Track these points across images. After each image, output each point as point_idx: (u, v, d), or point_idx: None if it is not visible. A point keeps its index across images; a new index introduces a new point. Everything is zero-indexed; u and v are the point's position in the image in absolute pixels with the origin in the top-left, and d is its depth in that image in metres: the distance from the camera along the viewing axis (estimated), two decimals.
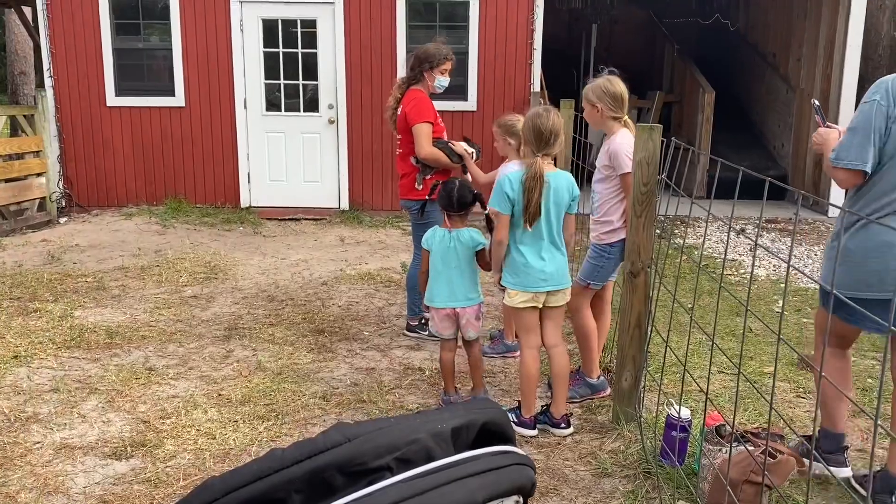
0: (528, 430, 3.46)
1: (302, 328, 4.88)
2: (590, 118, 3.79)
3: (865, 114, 2.64)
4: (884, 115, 2.61)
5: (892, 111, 2.61)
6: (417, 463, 0.89)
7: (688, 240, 7.58)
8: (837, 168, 2.69)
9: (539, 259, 3.36)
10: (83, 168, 8.80)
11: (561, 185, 3.34)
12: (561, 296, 3.43)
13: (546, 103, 8.01)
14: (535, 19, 8.36)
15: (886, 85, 2.65)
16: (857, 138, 2.63)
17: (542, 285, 3.37)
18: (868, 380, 4.07)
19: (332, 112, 8.62)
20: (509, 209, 3.31)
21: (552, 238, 3.37)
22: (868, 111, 2.63)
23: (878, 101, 2.62)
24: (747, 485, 2.63)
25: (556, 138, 3.32)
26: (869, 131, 2.61)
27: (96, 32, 8.48)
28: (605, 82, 3.71)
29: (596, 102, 3.68)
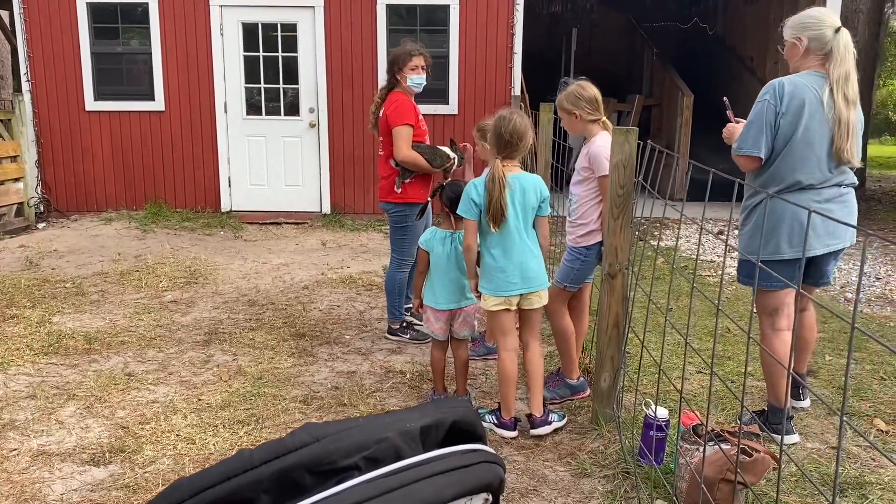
0: (507, 432, 3.47)
1: (283, 332, 4.87)
2: (569, 127, 3.82)
3: (758, 111, 3.20)
4: (773, 112, 3.17)
5: (779, 108, 3.17)
6: (386, 462, 0.90)
7: (666, 241, 7.63)
8: (739, 155, 3.26)
9: (509, 263, 3.37)
10: (62, 173, 8.73)
11: (527, 187, 3.35)
12: (536, 298, 3.43)
13: (527, 107, 8.06)
14: (515, 23, 8.40)
15: (774, 87, 3.20)
16: (753, 131, 3.20)
17: (512, 289, 3.39)
18: (843, 378, 4.13)
19: (312, 116, 8.62)
20: (476, 214, 3.34)
21: (522, 241, 3.37)
22: (760, 109, 3.19)
23: (767, 101, 3.19)
24: (723, 483, 2.66)
25: (520, 140, 3.33)
26: (762, 125, 3.17)
27: (74, 36, 8.42)
28: (577, 88, 3.75)
29: (573, 110, 3.72)
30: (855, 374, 4.21)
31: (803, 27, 3.29)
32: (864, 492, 2.99)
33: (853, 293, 6.01)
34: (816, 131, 3.17)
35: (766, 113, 3.18)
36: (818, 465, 3.21)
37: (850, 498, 2.95)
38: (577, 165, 3.83)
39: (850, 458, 3.27)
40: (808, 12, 3.35)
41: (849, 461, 3.25)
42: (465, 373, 3.83)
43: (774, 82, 3.23)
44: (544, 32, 13.16)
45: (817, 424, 3.60)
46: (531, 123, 3.44)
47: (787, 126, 3.17)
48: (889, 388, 4.03)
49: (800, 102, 3.16)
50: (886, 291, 6.09)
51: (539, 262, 3.44)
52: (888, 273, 6.63)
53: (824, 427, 3.58)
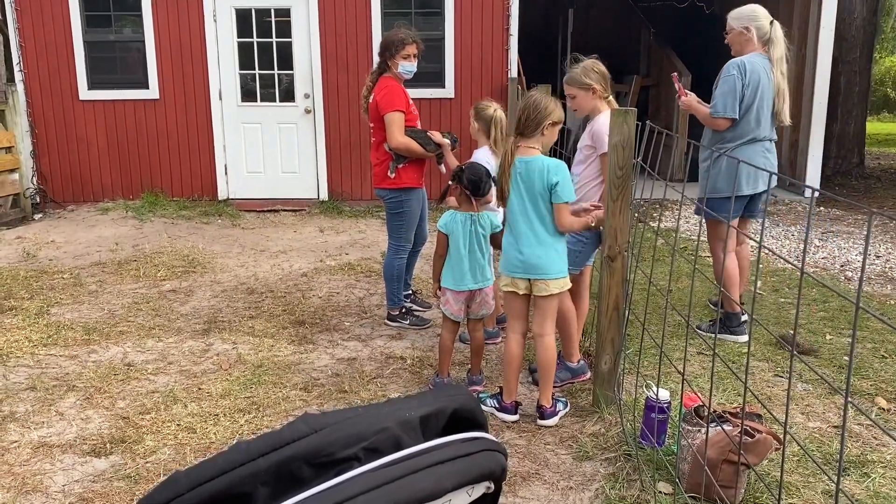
0: (508, 416, 3.47)
1: (282, 320, 4.86)
2: (584, 102, 3.75)
3: (730, 84, 4.20)
4: (740, 84, 4.19)
5: (744, 81, 4.19)
6: (386, 452, 0.88)
7: (666, 223, 7.61)
8: (718, 118, 4.26)
9: (513, 246, 3.37)
10: (57, 163, 8.69)
11: (534, 172, 3.28)
12: (543, 286, 3.37)
13: (524, 89, 8.00)
14: (510, 4, 8.33)
15: (738, 65, 4.21)
16: (729, 99, 4.21)
17: (514, 271, 3.38)
18: (844, 357, 4.12)
19: (308, 102, 8.56)
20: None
21: (526, 226, 3.34)
22: (732, 82, 4.20)
23: (735, 75, 4.20)
24: (726, 464, 2.66)
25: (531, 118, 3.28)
26: (734, 94, 4.19)
27: (66, 25, 8.35)
28: (593, 63, 3.72)
29: (593, 84, 3.68)
30: (856, 353, 4.21)
31: (750, 19, 4.32)
32: (866, 470, 2.99)
33: (853, 272, 6.00)
34: (766, 99, 4.24)
35: (735, 85, 4.19)
36: (820, 444, 3.21)
37: (852, 476, 2.95)
38: (580, 144, 3.79)
39: (851, 437, 3.27)
40: (750, 7, 4.37)
41: (851, 440, 3.25)
42: (479, 353, 3.86)
43: (736, 61, 4.24)
44: (540, 13, 13.05)
45: (819, 404, 3.60)
46: (554, 102, 3.34)
47: (749, 95, 4.21)
48: (890, 366, 4.03)
49: (756, 77, 4.20)
50: (887, 269, 6.08)
51: (545, 250, 3.33)
52: (888, 251, 6.62)
53: (826, 406, 3.57)
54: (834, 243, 6.91)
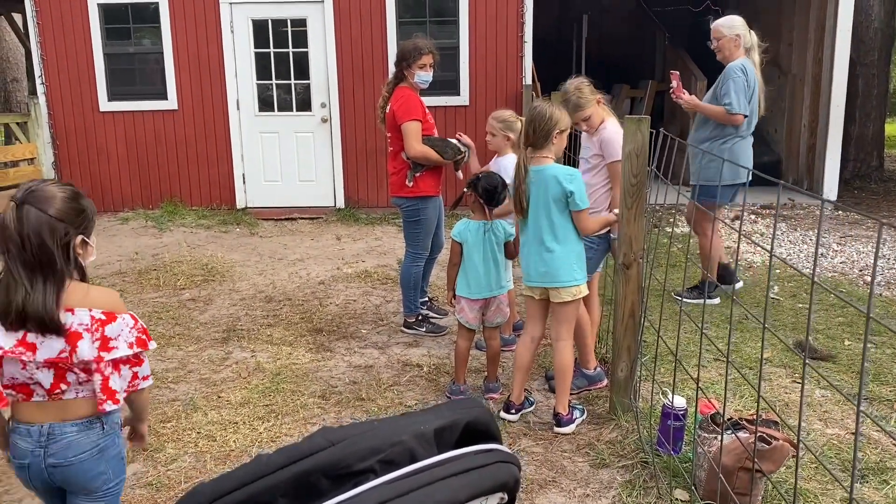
0: (508, 416, 3.55)
1: (300, 328, 4.90)
2: (596, 117, 3.79)
3: (740, 83, 4.78)
4: (748, 85, 4.81)
5: (749, 82, 4.82)
6: (401, 464, 0.91)
7: (681, 228, 7.59)
8: (735, 114, 4.80)
9: (529, 254, 3.40)
10: (78, 174, 8.81)
11: (548, 181, 3.29)
12: (556, 293, 3.39)
13: (538, 96, 8.03)
14: (524, 12, 8.36)
15: (742, 68, 4.81)
16: (742, 97, 4.78)
17: (531, 280, 3.43)
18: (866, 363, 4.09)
19: (324, 111, 8.63)
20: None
21: (537, 235, 3.36)
22: (741, 83, 4.78)
23: (743, 78, 4.79)
24: (742, 471, 2.66)
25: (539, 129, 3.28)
26: (745, 93, 4.79)
27: (87, 38, 8.48)
28: (580, 83, 3.83)
29: (594, 95, 3.74)
30: (875, 358, 4.18)
31: (739, 28, 4.91)
32: (885, 477, 2.97)
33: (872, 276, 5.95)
34: (757, 98, 4.89)
35: (744, 85, 4.78)
36: (838, 451, 3.19)
37: (870, 483, 2.94)
38: (584, 154, 3.82)
39: (870, 444, 3.26)
40: (735, 17, 5.00)
41: (869, 446, 3.23)
42: (496, 360, 3.89)
43: (739, 64, 4.84)
44: (554, 20, 13.08)
45: (837, 410, 3.58)
46: (560, 110, 3.36)
47: (752, 95, 4.84)
48: None
49: (753, 79, 4.84)
50: None
51: (558, 258, 3.34)
52: None
53: (844, 413, 3.56)
54: (852, 247, 6.86)
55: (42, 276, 1.80)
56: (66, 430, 1.88)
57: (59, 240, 1.82)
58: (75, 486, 1.93)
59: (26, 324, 1.79)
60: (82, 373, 1.86)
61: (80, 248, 1.89)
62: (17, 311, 1.78)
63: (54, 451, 1.87)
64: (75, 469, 1.89)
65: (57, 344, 1.81)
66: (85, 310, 1.84)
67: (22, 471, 1.91)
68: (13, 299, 1.78)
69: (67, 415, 1.88)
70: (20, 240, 1.78)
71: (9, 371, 1.84)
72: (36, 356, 1.81)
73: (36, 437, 1.87)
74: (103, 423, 1.93)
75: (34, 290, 1.78)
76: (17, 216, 1.79)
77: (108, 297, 1.92)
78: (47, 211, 1.82)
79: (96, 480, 1.93)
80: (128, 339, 1.87)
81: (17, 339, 1.81)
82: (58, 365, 1.84)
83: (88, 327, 1.82)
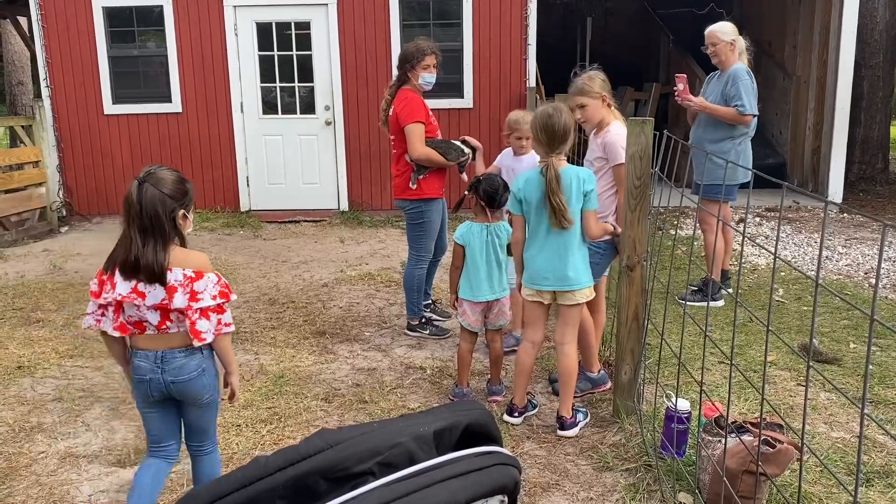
0: (511, 419, 3.54)
1: (303, 330, 4.90)
2: (594, 112, 3.72)
3: (747, 85, 4.97)
4: (755, 87, 5.03)
5: (754, 85, 5.02)
6: (400, 467, 0.90)
7: (685, 231, 7.58)
8: (747, 115, 4.97)
9: (542, 258, 3.34)
10: (83, 177, 8.84)
11: (572, 182, 3.28)
12: (570, 296, 3.37)
13: (542, 98, 8.02)
14: (528, 14, 8.36)
15: (747, 71, 5.01)
16: (752, 99, 5.00)
17: (544, 283, 3.36)
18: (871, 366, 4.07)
19: (328, 113, 8.64)
20: (518, 209, 3.37)
21: (560, 237, 3.31)
22: (749, 85, 4.98)
23: (750, 81, 5.00)
24: (746, 475, 2.64)
25: (568, 136, 3.30)
26: (753, 94, 5.01)
27: (91, 41, 8.50)
28: (596, 73, 3.73)
29: (602, 92, 3.69)
30: (880, 361, 4.16)
31: (733, 33, 5.12)
32: (890, 481, 2.95)
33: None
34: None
35: (751, 87, 4.99)
36: (843, 454, 3.17)
37: (876, 487, 2.92)
38: (589, 157, 3.80)
39: (876, 447, 3.24)
40: (728, 24, 5.21)
41: (875, 450, 3.22)
42: (499, 363, 3.88)
43: (743, 68, 5.04)
44: (558, 22, 13.08)
45: (842, 413, 3.56)
46: (567, 112, 3.36)
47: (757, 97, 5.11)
48: None
49: (754, 82, 5.06)
50: None
51: (577, 258, 3.35)
52: None
53: (850, 416, 3.54)
54: (857, 250, 6.83)
55: (153, 238, 2.33)
56: (175, 355, 2.43)
57: (168, 212, 2.36)
58: (188, 397, 2.50)
59: (138, 274, 2.33)
60: (180, 315, 2.39)
61: (181, 220, 2.43)
62: (133, 263, 2.32)
63: (170, 371, 2.43)
64: (187, 384, 2.46)
65: (159, 293, 2.35)
66: (180, 269, 2.36)
67: (142, 384, 2.46)
68: (130, 254, 2.32)
69: (173, 344, 2.43)
70: (139, 209, 2.33)
71: (127, 312, 2.41)
72: (145, 301, 2.35)
73: (153, 360, 2.43)
74: (202, 350, 2.47)
75: (146, 248, 2.32)
76: (138, 192, 2.34)
77: (200, 259, 2.45)
78: (161, 189, 2.35)
79: (202, 392, 2.50)
80: (212, 292, 2.40)
81: (131, 288, 2.35)
82: (161, 308, 2.38)
83: (182, 283, 2.35)
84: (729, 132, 5.08)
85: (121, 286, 2.36)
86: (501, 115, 8.49)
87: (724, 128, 5.09)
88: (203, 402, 2.53)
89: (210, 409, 2.58)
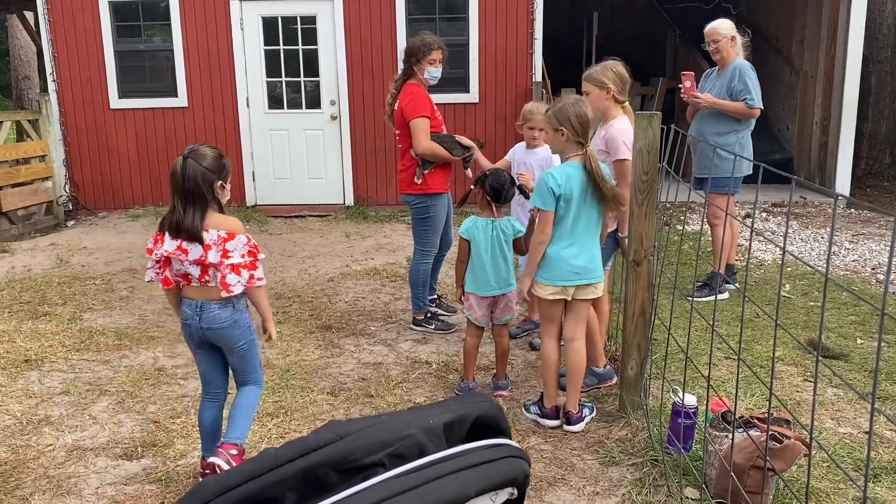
0: (550, 422, 3.45)
1: (309, 325, 4.90)
2: (596, 101, 3.71)
3: (754, 80, 5.04)
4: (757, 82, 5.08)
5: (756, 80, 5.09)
6: (410, 458, 0.90)
7: (692, 226, 7.56)
8: (755, 108, 5.02)
9: (573, 253, 3.29)
10: (89, 171, 8.85)
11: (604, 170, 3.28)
12: (591, 290, 3.36)
13: (548, 93, 8.00)
14: (535, 9, 8.33)
15: (751, 67, 5.06)
16: (758, 92, 5.05)
17: (572, 279, 3.31)
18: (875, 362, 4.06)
19: (334, 108, 8.63)
20: (554, 205, 3.22)
21: (589, 231, 3.30)
22: (755, 80, 5.04)
23: (754, 76, 5.04)
24: (753, 470, 2.64)
25: (585, 130, 3.28)
26: (758, 88, 5.05)
27: (97, 35, 8.51)
28: (613, 64, 3.72)
29: (608, 83, 3.66)
30: (888, 357, 4.15)
31: (733, 30, 5.16)
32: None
33: (885, 274, 5.90)
34: None
35: (756, 81, 5.06)
36: (851, 450, 3.16)
37: (883, 483, 2.91)
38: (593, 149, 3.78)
39: (883, 443, 3.23)
40: (725, 21, 5.23)
41: (882, 445, 3.20)
42: (505, 358, 3.88)
43: (747, 64, 5.09)
44: (565, 17, 13.04)
45: (850, 409, 3.55)
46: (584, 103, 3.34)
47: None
48: None
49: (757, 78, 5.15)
50: None
51: (597, 253, 3.36)
52: None
53: (857, 412, 3.53)
54: (865, 246, 6.80)
55: (192, 206, 2.72)
56: (211, 306, 2.83)
57: (207, 183, 2.73)
58: (221, 342, 2.90)
59: (181, 234, 2.72)
60: (215, 270, 2.77)
61: (219, 190, 2.79)
62: (176, 226, 2.73)
63: (205, 319, 2.84)
64: (219, 332, 2.86)
65: (199, 250, 2.74)
66: (215, 231, 2.74)
67: (185, 328, 2.90)
68: (174, 219, 2.73)
69: (210, 296, 2.82)
70: (182, 181, 2.71)
71: (174, 266, 2.81)
72: (188, 257, 2.75)
73: (193, 308, 2.84)
74: (234, 304, 2.85)
75: (187, 214, 2.72)
76: (182, 165, 2.71)
77: (234, 224, 2.81)
78: (202, 164, 2.73)
79: (233, 340, 2.89)
80: (241, 251, 2.77)
81: (177, 246, 2.74)
82: (200, 263, 2.76)
83: (216, 242, 2.73)
84: (733, 126, 5.11)
85: (168, 244, 2.75)
86: (507, 109, 8.48)
87: (728, 122, 5.11)
88: (237, 349, 2.92)
89: (247, 355, 2.97)
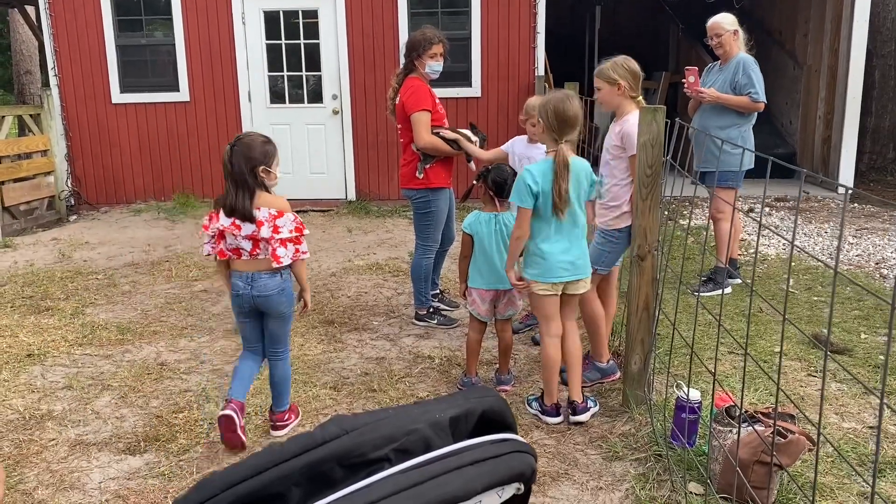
0: (552, 419, 3.44)
1: (311, 319, 4.90)
2: (608, 97, 3.70)
3: (758, 74, 5.05)
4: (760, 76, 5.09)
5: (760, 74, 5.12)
6: (416, 453, 0.89)
7: (697, 220, 7.54)
8: (760, 102, 5.03)
9: (562, 249, 3.29)
10: (91, 166, 8.85)
11: (581, 172, 3.29)
12: (581, 284, 3.38)
13: (551, 87, 7.97)
14: (537, 3, 8.30)
15: (754, 61, 5.07)
16: (760, 86, 5.03)
17: (563, 275, 3.32)
18: (880, 357, 4.05)
19: (336, 102, 8.61)
20: (531, 202, 3.22)
21: (574, 227, 3.31)
22: (758, 74, 5.05)
23: (758, 69, 5.06)
24: (758, 465, 2.63)
25: (577, 123, 3.26)
26: (762, 82, 5.06)
27: (99, 30, 8.49)
28: (624, 60, 3.70)
29: (619, 80, 3.65)
30: (893, 352, 4.13)
31: (735, 24, 5.16)
32: None
33: (888, 269, 5.89)
34: None
35: (760, 76, 5.06)
36: (855, 445, 3.16)
37: (888, 478, 2.90)
38: (607, 144, 3.77)
39: (887, 438, 3.22)
40: (727, 15, 5.21)
41: (886, 440, 3.20)
42: (508, 353, 3.87)
43: (750, 58, 5.09)
44: (567, 11, 12.99)
45: (854, 404, 3.54)
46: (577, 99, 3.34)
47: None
48: None
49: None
50: None
51: (585, 249, 3.38)
52: None
53: (861, 406, 3.52)
54: (868, 240, 6.79)
55: (242, 189, 3.03)
56: (261, 276, 3.15)
57: (252, 168, 3.03)
58: (270, 309, 3.22)
59: (234, 214, 3.04)
60: (266, 244, 3.08)
61: (263, 174, 3.08)
62: (230, 206, 3.04)
63: (256, 287, 3.15)
64: (269, 299, 3.17)
65: (251, 227, 3.05)
66: (266, 209, 3.04)
67: (237, 298, 3.21)
68: (227, 200, 3.04)
69: (260, 267, 3.14)
70: (231, 167, 3.03)
71: (228, 240, 3.13)
72: (241, 232, 3.06)
73: (245, 279, 3.16)
74: (281, 274, 3.18)
75: (237, 196, 3.03)
76: (231, 152, 3.04)
77: (282, 203, 3.10)
78: (246, 151, 3.03)
79: (280, 306, 3.21)
80: (289, 227, 3.07)
81: (231, 222, 3.06)
82: (253, 238, 3.08)
83: (267, 219, 3.03)
84: (736, 120, 5.11)
85: (223, 219, 3.07)
86: (510, 103, 8.46)
87: (731, 115, 5.11)
88: (280, 314, 3.23)
89: (286, 320, 3.28)
